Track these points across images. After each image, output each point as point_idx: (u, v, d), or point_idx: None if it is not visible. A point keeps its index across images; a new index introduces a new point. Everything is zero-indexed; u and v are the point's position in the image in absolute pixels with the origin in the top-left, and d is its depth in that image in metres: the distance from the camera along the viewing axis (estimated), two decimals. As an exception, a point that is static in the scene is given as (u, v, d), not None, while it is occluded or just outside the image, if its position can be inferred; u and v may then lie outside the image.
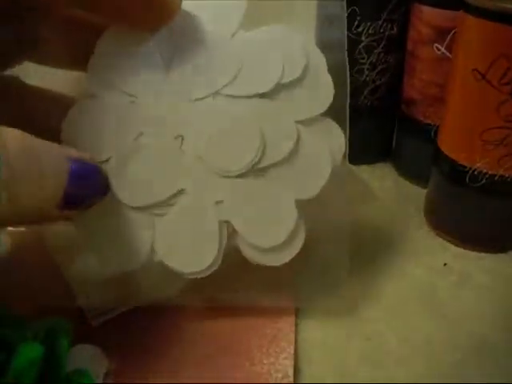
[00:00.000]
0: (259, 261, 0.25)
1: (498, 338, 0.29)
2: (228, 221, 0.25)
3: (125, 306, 0.28)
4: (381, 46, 0.39)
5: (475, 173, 0.32)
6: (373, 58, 0.39)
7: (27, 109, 0.26)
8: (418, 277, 0.33)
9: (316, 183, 0.25)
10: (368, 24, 0.38)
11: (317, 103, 0.26)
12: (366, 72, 0.40)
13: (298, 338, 0.28)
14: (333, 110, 0.27)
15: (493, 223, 0.34)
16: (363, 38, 0.38)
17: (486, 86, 0.29)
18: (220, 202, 0.25)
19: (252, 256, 0.25)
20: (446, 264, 0.33)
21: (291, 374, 0.26)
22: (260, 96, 0.25)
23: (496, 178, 0.31)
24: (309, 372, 0.27)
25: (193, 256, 0.25)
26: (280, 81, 0.26)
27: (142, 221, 0.25)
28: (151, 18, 0.24)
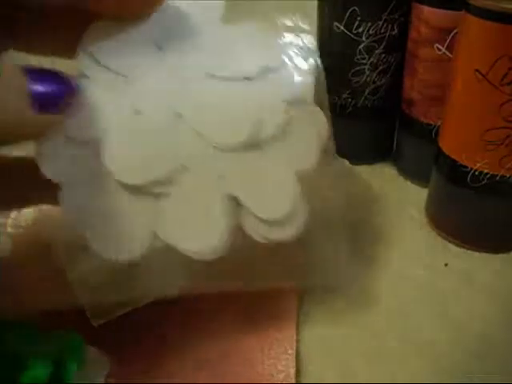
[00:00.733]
0: (265, 235, 0.25)
1: (500, 338, 0.29)
2: (232, 194, 0.25)
3: (126, 307, 0.28)
4: (381, 47, 0.39)
5: (476, 173, 0.32)
6: (373, 59, 0.39)
7: None
8: (419, 277, 0.33)
9: (313, 154, 0.25)
10: (368, 24, 0.38)
11: (302, 86, 0.27)
12: (367, 72, 0.40)
13: (300, 339, 0.28)
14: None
15: (494, 223, 0.34)
16: (364, 39, 0.38)
17: (488, 87, 0.29)
18: (222, 177, 0.25)
19: (257, 231, 0.25)
20: (447, 264, 0.34)
21: (293, 375, 0.26)
22: (248, 78, 0.26)
23: (497, 179, 0.31)
24: (310, 372, 0.27)
25: (200, 234, 0.24)
26: (267, 64, 0.26)
27: (141, 202, 0.24)
28: (141, 5, 0.25)
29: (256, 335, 0.28)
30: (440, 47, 0.35)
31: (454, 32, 0.33)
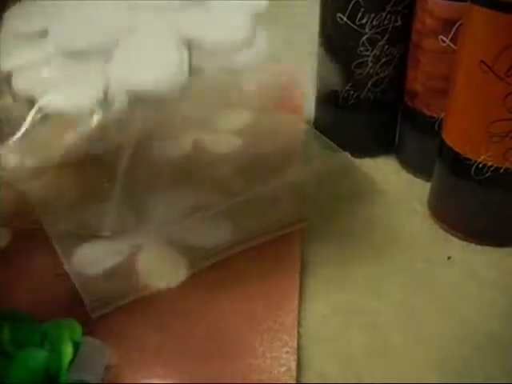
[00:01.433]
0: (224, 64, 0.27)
1: (503, 332, 0.29)
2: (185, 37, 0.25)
3: (124, 299, 0.28)
4: (385, 38, 0.38)
5: (480, 165, 0.31)
6: (376, 51, 0.39)
7: None
8: (422, 270, 0.32)
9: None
10: (372, 16, 0.38)
11: None
12: (370, 64, 0.39)
13: (301, 332, 0.28)
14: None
15: (497, 216, 0.33)
16: (367, 30, 0.38)
17: (493, 78, 0.29)
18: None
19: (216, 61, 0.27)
20: (450, 257, 0.33)
21: (294, 368, 0.26)
22: None
23: (501, 171, 0.31)
24: (311, 365, 0.27)
25: (157, 70, 0.25)
26: None
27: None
28: None
29: (257, 329, 0.28)
30: (444, 39, 0.35)
31: (459, 23, 0.33)
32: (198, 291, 0.29)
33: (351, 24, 0.38)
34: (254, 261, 0.31)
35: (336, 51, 0.40)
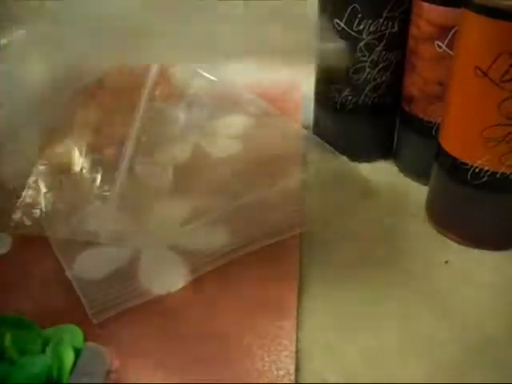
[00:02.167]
0: None
1: (500, 335, 0.29)
2: None
3: (125, 304, 0.28)
4: (382, 44, 0.39)
5: (476, 170, 0.32)
6: (374, 56, 0.39)
7: None
8: (419, 274, 0.33)
9: None
10: (369, 22, 0.38)
11: None
12: (367, 70, 0.40)
13: (300, 336, 0.28)
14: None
15: (494, 220, 0.34)
16: (364, 36, 0.38)
17: (488, 84, 0.29)
18: None
19: None
20: (448, 261, 0.33)
21: (293, 372, 0.26)
22: None
23: (497, 176, 0.31)
24: (310, 369, 0.27)
25: None
26: None
27: None
28: None
29: (256, 332, 0.28)
30: (440, 44, 0.35)
31: (455, 29, 0.33)
32: (198, 296, 0.30)
33: (348, 30, 0.38)
34: (254, 266, 0.32)
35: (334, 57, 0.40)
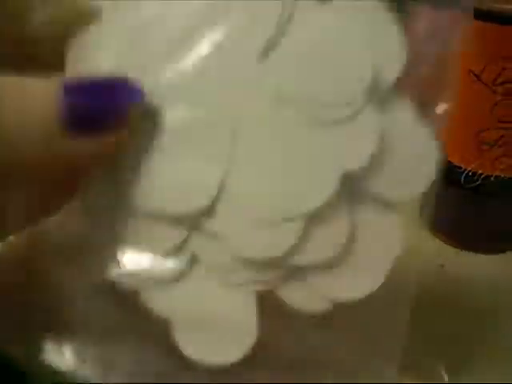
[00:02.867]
0: None
1: (498, 341, 0.29)
2: None
3: None
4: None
5: (470, 173, 0.32)
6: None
7: None
8: (414, 279, 0.32)
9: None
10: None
11: None
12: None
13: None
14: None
15: (488, 224, 0.34)
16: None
17: (481, 87, 0.29)
18: None
19: None
20: (443, 266, 0.33)
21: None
22: None
23: (491, 179, 0.31)
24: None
25: None
26: None
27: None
28: None
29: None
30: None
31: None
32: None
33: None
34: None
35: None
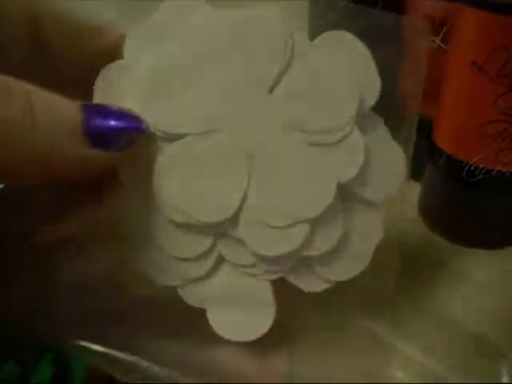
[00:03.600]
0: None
1: (496, 335, 0.28)
2: None
3: None
4: (374, 40, 0.38)
5: (472, 168, 0.31)
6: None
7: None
8: (413, 274, 0.32)
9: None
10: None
11: None
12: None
13: (295, 339, 0.28)
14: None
15: (489, 219, 0.33)
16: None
17: (484, 79, 0.29)
18: None
19: None
20: (442, 261, 0.33)
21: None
22: None
23: (493, 173, 0.31)
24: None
25: None
26: None
27: None
28: None
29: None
30: (434, 39, 0.34)
31: (450, 23, 0.32)
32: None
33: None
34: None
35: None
